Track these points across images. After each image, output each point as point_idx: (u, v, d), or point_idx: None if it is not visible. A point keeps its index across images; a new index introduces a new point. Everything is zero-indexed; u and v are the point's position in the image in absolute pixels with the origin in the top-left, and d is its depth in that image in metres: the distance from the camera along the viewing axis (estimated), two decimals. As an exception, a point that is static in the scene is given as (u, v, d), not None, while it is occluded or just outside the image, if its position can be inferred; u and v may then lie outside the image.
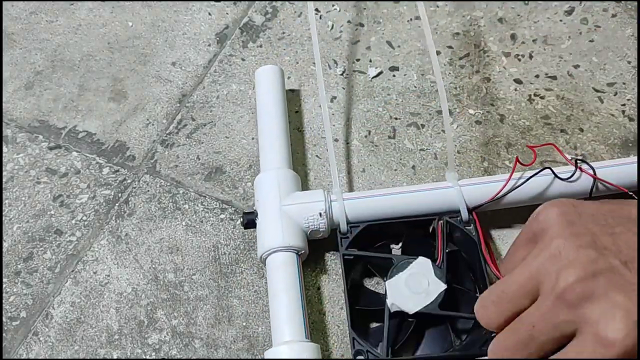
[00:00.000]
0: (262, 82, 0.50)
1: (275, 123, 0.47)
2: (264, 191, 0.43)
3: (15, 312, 0.43)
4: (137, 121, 0.53)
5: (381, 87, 0.54)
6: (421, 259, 0.40)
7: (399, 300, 0.38)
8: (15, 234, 0.47)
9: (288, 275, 0.40)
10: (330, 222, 0.42)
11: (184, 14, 0.59)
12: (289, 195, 0.42)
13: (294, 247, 0.40)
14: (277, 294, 0.39)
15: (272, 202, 0.42)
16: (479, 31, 0.57)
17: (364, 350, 0.37)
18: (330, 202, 0.42)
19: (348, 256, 0.41)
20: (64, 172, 0.50)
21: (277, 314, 0.39)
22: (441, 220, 0.41)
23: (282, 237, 0.40)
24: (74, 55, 0.57)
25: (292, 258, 0.40)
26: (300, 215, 0.41)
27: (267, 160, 0.45)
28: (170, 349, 0.42)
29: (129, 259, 0.45)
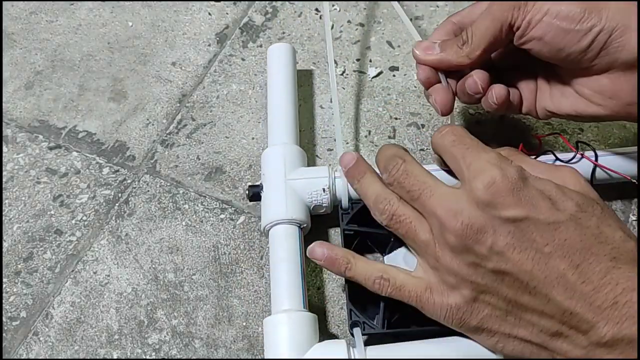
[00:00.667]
0: (274, 59, 0.51)
1: (284, 99, 0.48)
2: (270, 165, 0.44)
3: (15, 312, 0.43)
4: (137, 121, 0.53)
5: (381, 87, 0.54)
6: None
7: None
8: (15, 233, 0.47)
9: (289, 247, 0.40)
10: (333, 198, 0.43)
11: (184, 14, 0.59)
12: (294, 170, 0.43)
13: (296, 220, 0.41)
14: (278, 264, 0.40)
15: (278, 175, 0.43)
16: (479, 31, 0.57)
17: (361, 322, 0.38)
18: (334, 178, 0.43)
19: (348, 231, 0.41)
20: (64, 172, 0.50)
21: (277, 284, 0.39)
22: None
23: (285, 209, 0.41)
24: (74, 55, 0.57)
25: (294, 230, 0.41)
26: (304, 189, 0.42)
27: (274, 135, 0.46)
28: (170, 349, 0.42)
29: (129, 259, 0.45)
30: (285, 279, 0.39)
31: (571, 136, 0.50)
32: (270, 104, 0.48)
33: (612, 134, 0.50)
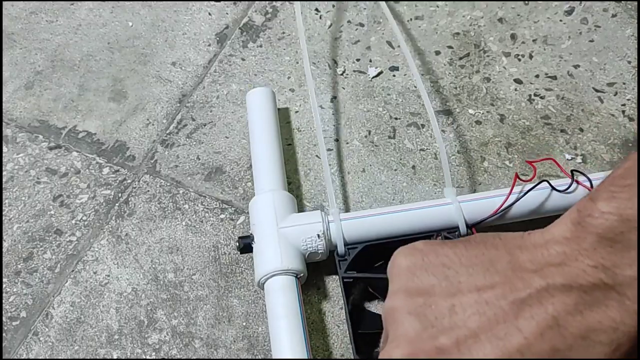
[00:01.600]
0: (253, 104, 0.49)
1: (268, 145, 0.47)
2: (260, 214, 0.42)
3: (15, 312, 0.43)
4: (137, 121, 0.53)
5: (381, 87, 0.54)
6: None
7: None
8: (15, 233, 0.47)
9: (288, 301, 0.39)
10: (328, 243, 0.41)
11: (184, 14, 0.59)
12: (286, 218, 0.42)
13: (293, 270, 0.40)
14: (278, 320, 0.38)
15: (269, 224, 0.41)
16: (479, 31, 0.57)
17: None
18: (328, 223, 0.41)
19: (347, 279, 0.40)
20: (64, 172, 0.50)
21: (278, 341, 0.38)
22: (439, 236, 0.41)
23: (280, 260, 0.39)
24: (74, 55, 0.57)
25: (291, 282, 0.40)
26: (298, 237, 0.41)
27: (261, 183, 0.45)
28: (171, 349, 0.42)
29: (129, 259, 0.45)
30: (287, 336, 0.37)
31: (570, 136, 0.50)
32: (253, 151, 0.47)
33: (612, 134, 0.50)
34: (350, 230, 0.41)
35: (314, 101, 0.46)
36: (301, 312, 0.39)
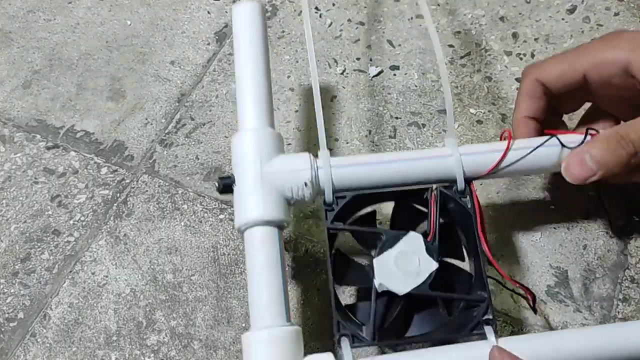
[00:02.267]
0: (240, 24, 0.42)
1: (255, 73, 0.41)
2: (243, 154, 0.38)
3: (13, 313, 0.43)
4: (135, 120, 0.52)
5: (382, 86, 0.54)
6: (412, 233, 0.37)
7: (388, 280, 0.36)
8: (12, 234, 0.46)
9: (268, 254, 0.36)
10: (316, 190, 0.38)
11: (183, 12, 0.59)
12: (271, 161, 0.37)
13: (275, 220, 0.36)
14: (256, 273, 0.36)
15: (252, 167, 0.37)
16: (480, 30, 0.57)
17: (349, 334, 0.34)
18: (317, 169, 0.37)
19: (333, 230, 0.37)
20: (61, 172, 0.49)
21: (256, 297, 0.35)
22: (435, 189, 0.38)
23: (262, 210, 0.36)
24: (72, 54, 0.56)
25: (273, 234, 0.36)
26: (282, 184, 0.37)
27: (246, 118, 0.39)
28: (169, 350, 0.41)
29: (127, 260, 0.45)
30: (265, 291, 0.35)
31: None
32: (238, 79, 0.41)
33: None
34: (340, 178, 0.38)
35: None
36: (282, 266, 0.36)
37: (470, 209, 0.38)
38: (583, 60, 0.39)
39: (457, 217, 0.39)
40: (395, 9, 0.59)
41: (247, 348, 0.34)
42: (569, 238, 0.45)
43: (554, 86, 0.40)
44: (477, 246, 0.37)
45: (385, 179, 0.38)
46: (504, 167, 0.39)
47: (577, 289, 0.43)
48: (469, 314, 0.36)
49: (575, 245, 0.45)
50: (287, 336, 0.34)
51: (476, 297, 0.36)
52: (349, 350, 0.34)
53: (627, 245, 0.45)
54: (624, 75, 0.38)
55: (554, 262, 0.44)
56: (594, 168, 0.37)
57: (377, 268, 0.36)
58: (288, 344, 0.34)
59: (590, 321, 0.42)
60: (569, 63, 0.40)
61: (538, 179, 0.48)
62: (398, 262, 0.36)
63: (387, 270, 0.36)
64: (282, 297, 0.35)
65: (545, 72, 0.40)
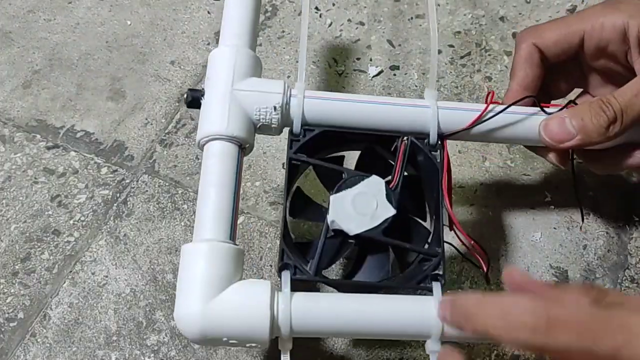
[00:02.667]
0: None
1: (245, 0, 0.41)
2: (216, 68, 0.37)
3: (13, 313, 0.43)
4: (135, 120, 0.52)
5: (382, 86, 0.54)
6: (374, 177, 0.36)
7: (341, 218, 0.35)
8: (12, 234, 0.46)
9: (224, 168, 0.35)
10: (285, 119, 0.37)
11: (183, 12, 0.59)
12: (244, 80, 0.37)
13: (237, 138, 0.36)
14: (207, 187, 0.35)
15: (223, 82, 0.36)
16: (480, 30, 0.57)
17: (292, 265, 0.34)
18: (290, 96, 0.37)
19: (295, 161, 0.36)
20: (61, 171, 0.49)
21: (202, 208, 0.34)
22: (406, 139, 0.37)
23: (226, 124, 0.35)
24: (72, 54, 0.56)
25: (233, 150, 0.36)
26: (251, 104, 0.36)
27: (226, 35, 0.39)
28: (169, 350, 0.41)
29: (127, 260, 0.45)
30: (213, 205, 0.34)
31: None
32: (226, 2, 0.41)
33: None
34: (312, 111, 0.37)
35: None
36: (236, 184, 0.35)
37: (439, 163, 0.37)
38: (582, 23, 0.38)
39: (424, 171, 0.38)
40: (395, 9, 0.59)
41: (185, 258, 0.33)
42: (569, 238, 0.45)
43: (551, 52, 0.40)
44: (440, 203, 0.36)
45: (358, 120, 0.38)
46: (481, 128, 0.38)
47: (577, 289, 0.43)
48: (420, 268, 0.35)
49: (575, 245, 0.45)
50: (227, 253, 0.33)
51: (429, 251, 0.35)
52: (288, 281, 0.33)
53: (627, 245, 0.45)
54: (620, 41, 0.38)
55: (554, 262, 0.44)
56: (573, 131, 0.36)
57: (332, 205, 0.35)
58: (227, 261, 0.33)
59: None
60: (567, 26, 0.39)
61: (538, 178, 0.48)
62: (355, 203, 0.35)
63: (342, 209, 0.35)
64: (229, 215, 0.34)
65: (543, 36, 0.39)
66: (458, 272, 0.44)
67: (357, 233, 0.35)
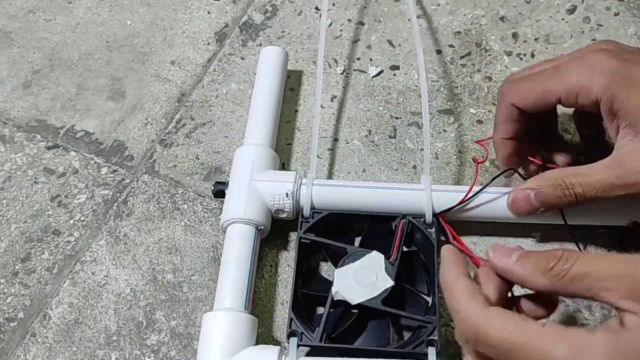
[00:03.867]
0: (265, 61, 0.51)
1: (267, 101, 0.48)
2: (239, 163, 0.44)
3: (13, 313, 0.43)
4: (135, 120, 0.52)
5: (382, 86, 0.54)
6: (375, 253, 0.40)
7: (344, 289, 0.38)
8: (12, 234, 0.46)
9: (242, 246, 0.40)
10: (296, 204, 0.42)
11: (183, 12, 0.59)
12: (262, 172, 0.43)
13: (254, 221, 0.41)
14: (227, 262, 0.40)
15: (244, 175, 0.43)
16: (480, 30, 0.57)
17: (299, 332, 0.37)
18: (300, 185, 0.43)
19: (304, 239, 0.41)
20: (62, 171, 0.49)
21: (222, 281, 0.40)
22: (404, 219, 0.42)
23: (244, 209, 0.41)
24: (72, 54, 0.56)
25: (250, 231, 0.41)
26: (267, 192, 0.42)
27: (250, 135, 0.46)
28: (169, 350, 0.41)
29: (127, 260, 0.45)
30: (231, 278, 0.39)
31: (573, 136, 0.50)
32: (253, 104, 0.48)
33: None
34: (320, 197, 0.42)
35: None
36: (252, 260, 0.40)
37: (434, 239, 0.41)
38: (558, 84, 0.39)
39: (421, 247, 0.42)
40: (395, 9, 0.59)
41: (205, 324, 0.38)
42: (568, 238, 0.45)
43: (531, 109, 0.41)
44: (434, 276, 0.39)
45: (361, 203, 0.43)
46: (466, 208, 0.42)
47: (577, 289, 0.43)
48: (417, 335, 0.38)
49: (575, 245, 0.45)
50: (243, 321, 0.38)
51: (424, 319, 0.38)
52: (295, 347, 0.37)
53: (627, 245, 0.45)
54: (594, 108, 0.38)
55: (554, 262, 0.44)
56: (537, 206, 0.39)
57: (336, 278, 0.39)
58: (242, 328, 0.38)
59: (590, 321, 0.42)
60: (544, 86, 0.40)
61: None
62: (357, 275, 0.39)
63: (345, 281, 0.39)
64: (245, 287, 0.39)
65: (520, 97, 0.41)
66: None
67: (359, 302, 0.38)
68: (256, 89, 0.49)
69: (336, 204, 0.43)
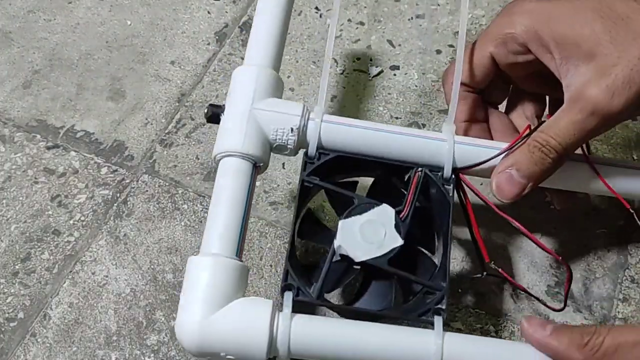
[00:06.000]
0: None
1: (272, 17, 0.41)
2: (238, 86, 0.38)
3: (13, 313, 0.43)
4: (135, 120, 0.52)
5: (382, 86, 0.54)
6: (385, 206, 0.36)
7: (348, 244, 0.35)
8: (12, 234, 0.46)
9: (237, 185, 0.35)
10: (301, 141, 0.37)
11: (183, 12, 0.59)
12: (264, 100, 0.38)
13: (252, 155, 0.36)
14: (218, 202, 0.35)
15: (243, 100, 0.37)
16: (480, 30, 0.57)
17: (295, 286, 0.34)
18: (307, 119, 0.37)
19: (308, 183, 0.37)
20: (62, 171, 0.49)
21: (211, 223, 0.35)
22: (420, 170, 0.37)
23: (242, 141, 0.36)
24: (72, 54, 0.56)
25: (247, 167, 0.36)
26: (269, 124, 0.37)
27: (251, 55, 0.40)
28: (169, 350, 0.41)
29: (127, 260, 0.45)
30: (222, 220, 0.34)
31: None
32: (255, 20, 0.42)
33: (614, 134, 0.50)
34: (328, 135, 0.37)
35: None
36: (247, 201, 0.35)
37: (451, 197, 0.37)
38: (487, 44, 0.38)
39: (436, 204, 0.38)
40: (395, 9, 0.59)
41: (190, 270, 0.34)
42: (568, 238, 0.45)
43: (473, 84, 0.40)
44: (448, 238, 0.36)
45: (373, 147, 0.38)
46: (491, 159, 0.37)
47: (577, 289, 0.43)
48: (423, 301, 0.35)
49: (575, 245, 0.45)
50: (232, 269, 0.33)
51: (433, 284, 0.35)
52: (290, 302, 0.33)
53: (627, 245, 0.45)
54: (526, 51, 0.37)
55: (554, 262, 0.44)
56: (524, 182, 0.36)
57: (340, 230, 0.35)
58: (230, 276, 0.33)
59: (590, 321, 0.42)
60: (476, 52, 0.39)
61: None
62: (363, 230, 0.35)
63: (350, 235, 0.35)
64: (237, 231, 0.34)
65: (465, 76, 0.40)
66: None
67: (363, 260, 0.35)
68: (259, 8, 0.42)
69: (346, 145, 0.37)
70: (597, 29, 0.34)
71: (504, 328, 0.42)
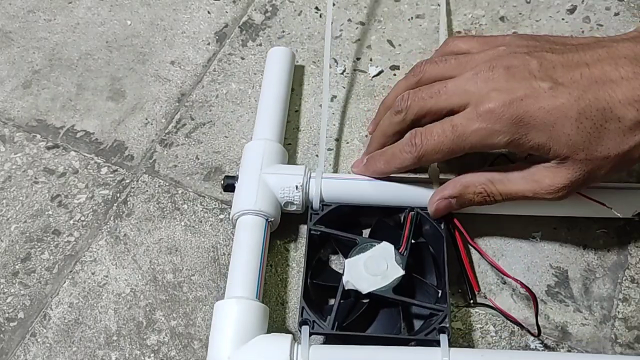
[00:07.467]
0: (272, 60, 0.52)
1: (275, 97, 0.49)
2: (248, 158, 0.45)
3: (13, 313, 0.43)
4: (135, 120, 0.52)
5: (382, 86, 0.54)
6: (385, 244, 0.40)
7: (355, 279, 0.39)
8: (12, 234, 0.46)
9: (253, 237, 0.41)
10: (306, 197, 0.43)
11: (183, 12, 0.59)
12: (271, 166, 0.44)
13: (264, 212, 0.42)
14: (238, 252, 0.41)
15: (253, 168, 0.44)
16: (480, 30, 0.57)
17: (310, 320, 0.38)
18: (309, 178, 0.43)
19: (314, 231, 0.42)
20: (62, 171, 0.49)
21: (233, 270, 0.40)
22: (412, 211, 0.42)
23: (255, 201, 0.42)
24: (72, 54, 0.56)
25: (260, 222, 0.42)
26: (277, 184, 0.43)
27: (259, 130, 0.47)
28: (169, 350, 0.41)
29: (127, 260, 0.45)
30: (242, 267, 0.40)
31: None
32: (261, 100, 0.49)
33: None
34: (329, 190, 0.43)
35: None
36: (262, 250, 0.41)
37: (443, 230, 0.41)
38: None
39: (431, 238, 0.43)
40: (395, 9, 0.59)
41: (217, 313, 0.39)
42: (569, 238, 0.45)
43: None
44: (444, 266, 0.40)
45: (369, 197, 0.43)
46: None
47: (577, 289, 0.43)
48: (428, 323, 0.39)
49: (575, 245, 0.45)
50: (254, 309, 0.38)
51: (435, 306, 0.39)
52: (307, 335, 0.37)
53: (627, 245, 0.45)
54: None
55: (554, 262, 0.44)
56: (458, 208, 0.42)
57: (347, 267, 0.39)
58: (254, 315, 0.38)
59: (590, 321, 0.42)
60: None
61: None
62: (367, 265, 0.39)
63: (356, 271, 0.39)
64: (256, 276, 0.40)
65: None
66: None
67: (370, 291, 0.38)
68: (265, 86, 0.50)
69: (345, 197, 0.43)
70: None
71: (504, 328, 0.42)
